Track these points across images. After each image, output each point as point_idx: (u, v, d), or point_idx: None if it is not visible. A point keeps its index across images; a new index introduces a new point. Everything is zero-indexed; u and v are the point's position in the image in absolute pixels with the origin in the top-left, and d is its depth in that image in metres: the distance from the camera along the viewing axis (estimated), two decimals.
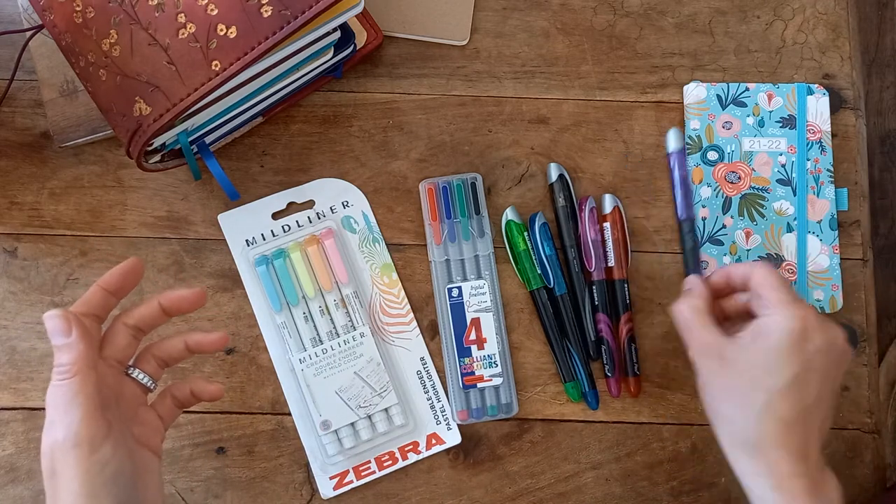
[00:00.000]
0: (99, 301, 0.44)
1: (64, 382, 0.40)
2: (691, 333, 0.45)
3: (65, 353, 0.41)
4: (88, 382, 0.40)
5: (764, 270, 0.45)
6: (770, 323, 0.43)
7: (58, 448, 0.39)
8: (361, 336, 0.55)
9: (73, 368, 0.40)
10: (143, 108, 0.48)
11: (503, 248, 0.57)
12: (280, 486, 0.55)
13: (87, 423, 0.40)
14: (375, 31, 0.59)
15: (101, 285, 0.44)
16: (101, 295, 0.44)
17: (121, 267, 0.44)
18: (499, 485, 0.55)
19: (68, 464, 0.39)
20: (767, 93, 0.59)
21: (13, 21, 0.60)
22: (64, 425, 0.39)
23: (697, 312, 0.46)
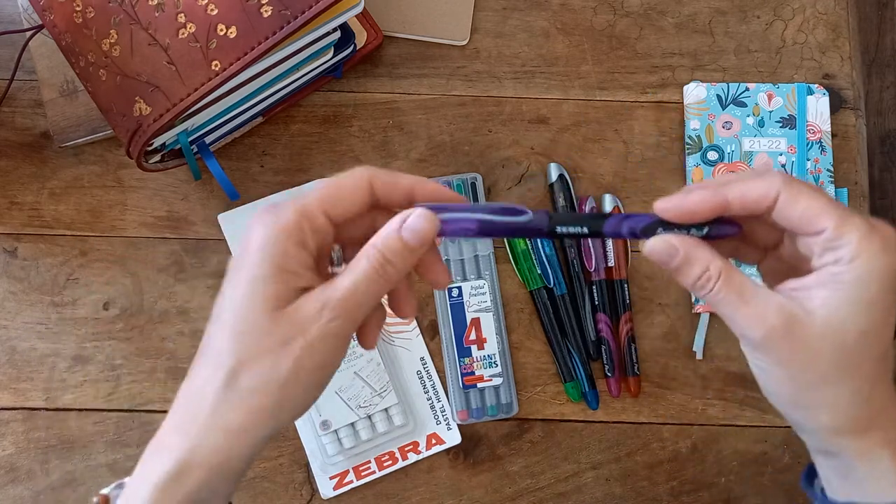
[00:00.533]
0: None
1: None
2: (737, 308, 0.32)
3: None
4: None
5: (787, 183, 0.32)
6: (856, 268, 0.31)
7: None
8: None
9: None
10: (143, 108, 0.48)
11: (503, 248, 0.57)
12: (280, 486, 0.55)
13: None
14: (375, 31, 0.59)
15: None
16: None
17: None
18: (499, 485, 0.55)
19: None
20: (767, 93, 0.59)
21: (13, 21, 0.60)
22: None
23: (727, 283, 0.33)
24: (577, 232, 0.34)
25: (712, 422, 0.56)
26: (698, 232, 0.33)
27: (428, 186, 0.35)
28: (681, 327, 0.57)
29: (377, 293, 0.33)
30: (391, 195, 0.34)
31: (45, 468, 0.54)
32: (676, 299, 0.57)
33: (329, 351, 0.33)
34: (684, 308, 0.57)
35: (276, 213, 0.33)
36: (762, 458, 0.55)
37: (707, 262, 0.33)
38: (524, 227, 0.34)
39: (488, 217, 0.34)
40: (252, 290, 0.32)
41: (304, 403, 0.34)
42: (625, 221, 0.34)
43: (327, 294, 0.32)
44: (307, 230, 0.32)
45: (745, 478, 0.55)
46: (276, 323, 0.32)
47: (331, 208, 0.33)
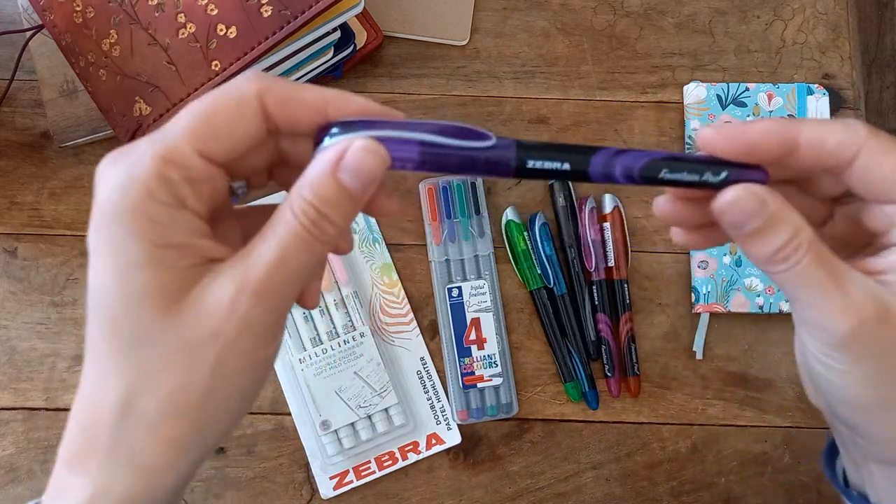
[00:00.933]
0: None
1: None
2: (825, 291, 0.25)
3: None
4: None
5: (872, 136, 0.26)
6: None
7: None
8: (361, 336, 0.55)
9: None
10: (143, 108, 0.48)
11: (503, 248, 0.57)
12: (280, 486, 0.55)
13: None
14: (375, 31, 0.59)
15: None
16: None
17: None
18: (499, 485, 0.55)
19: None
20: (767, 93, 0.59)
21: (13, 21, 0.60)
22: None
23: (816, 259, 0.25)
24: (555, 169, 0.25)
25: (712, 422, 0.56)
26: (714, 177, 0.26)
27: (352, 104, 0.25)
28: (681, 327, 0.57)
29: (312, 262, 0.24)
30: (295, 116, 0.25)
31: (45, 468, 0.54)
32: (676, 299, 0.57)
33: (255, 349, 0.24)
34: (684, 308, 0.57)
35: (128, 160, 0.23)
36: (762, 458, 0.55)
37: (796, 226, 0.25)
38: (485, 158, 0.25)
39: (435, 139, 0.25)
40: (126, 285, 0.23)
41: (235, 416, 0.26)
42: (618, 158, 0.26)
43: (242, 271, 0.23)
44: (179, 181, 0.23)
45: (745, 478, 0.55)
46: (172, 324, 0.23)
47: (206, 144, 0.23)
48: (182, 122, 0.23)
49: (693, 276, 0.57)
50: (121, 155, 0.23)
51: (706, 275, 0.57)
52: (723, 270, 0.57)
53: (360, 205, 0.25)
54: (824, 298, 0.25)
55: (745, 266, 0.57)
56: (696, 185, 0.26)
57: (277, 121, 0.24)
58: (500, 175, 0.26)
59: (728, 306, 0.56)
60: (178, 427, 0.24)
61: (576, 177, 0.26)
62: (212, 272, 0.24)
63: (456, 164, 0.25)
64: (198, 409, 0.24)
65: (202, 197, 0.24)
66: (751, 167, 0.26)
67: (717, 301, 0.56)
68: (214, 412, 0.24)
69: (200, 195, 0.24)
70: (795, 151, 0.26)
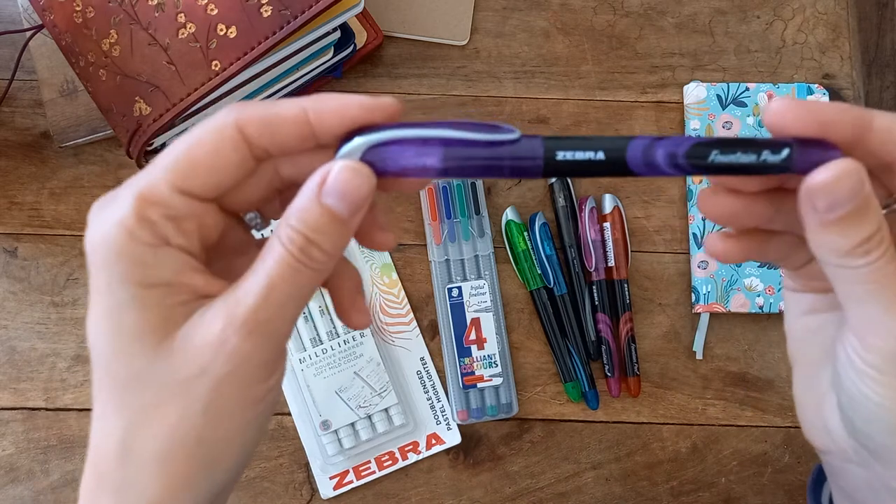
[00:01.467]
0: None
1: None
2: (890, 306, 0.23)
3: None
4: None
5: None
6: None
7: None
8: (361, 336, 0.55)
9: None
10: (143, 108, 0.48)
11: (503, 248, 0.57)
12: (280, 486, 0.55)
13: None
14: (375, 31, 0.59)
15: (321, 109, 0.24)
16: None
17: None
18: (499, 485, 0.55)
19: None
20: (767, 93, 0.59)
21: (13, 21, 0.60)
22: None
23: (893, 261, 0.23)
24: (588, 160, 0.23)
25: (712, 422, 0.56)
26: (775, 157, 0.23)
27: (329, 104, 0.23)
28: (681, 327, 0.57)
29: (304, 291, 0.23)
30: (279, 136, 0.23)
31: (45, 468, 0.54)
32: (676, 299, 0.57)
33: (250, 384, 0.23)
34: (684, 308, 0.57)
35: (111, 206, 0.23)
36: (762, 458, 0.55)
37: (881, 219, 0.23)
38: (510, 154, 0.23)
39: (458, 134, 0.23)
40: (115, 327, 0.23)
41: (241, 452, 0.25)
42: (658, 143, 0.23)
43: (231, 305, 0.23)
44: (159, 219, 0.23)
45: (745, 478, 0.55)
46: (164, 362, 0.23)
47: (185, 181, 0.23)
48: (161, 161, 0.23)
49: (693, 276, 0.57)
50: (104, 200, 0.24)
51: (706, 275, 0.57)
52: (723, 270, 0.57)
53: (349, 228, 0.24)
54: (894, 307, 0.23)
55: (746, 266, 0.57)
56: (754, 170, 0.23)
57: (264, 145, 0.24)
58: (529, 174, 0.23)
59: (728, 306, 0.56)
60: (178, 464, 0.23)
61: (613, 169, 0.23)
62: (205, 305, 0.23)
63: (481, 163, 0.23)
64: (196, 445, 0.23)
65: (189, 234, 0.23)
66: (817, 142, 0.23)
67: (717, 301, 0.56)
68: (215, 448, 0.24)
69: (186, 232, 0.23)
70: (867, 136, 0.23)
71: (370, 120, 0.24)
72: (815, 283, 0.28)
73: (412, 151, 0.23)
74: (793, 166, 0.23)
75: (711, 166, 0.23)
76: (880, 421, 0.25)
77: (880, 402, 0.24)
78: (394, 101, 0.24)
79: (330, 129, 0.24)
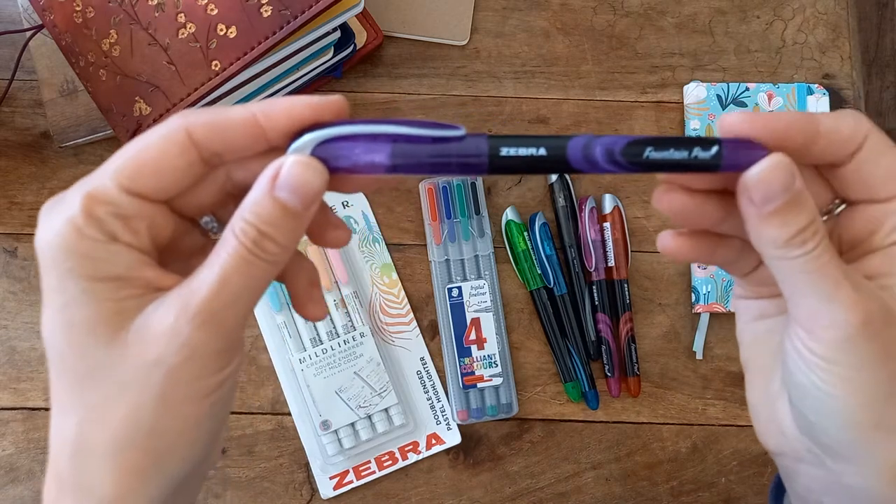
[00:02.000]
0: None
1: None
2: (837, 283, 0.24)
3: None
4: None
5: (874, 130, 0.26)
6: None
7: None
8: (361, 336, 0.55)
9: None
10: (143, 108, 0.48)
11: (503, 248, 0.57)
12: (280, 486, 0.55)
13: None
14: (375, 31, 0.59)
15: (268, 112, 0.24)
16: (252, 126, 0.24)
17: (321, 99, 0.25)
18: (499, 485, 0.55)
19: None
20: (767, 93, 0.59)
21: (13, 21, 0.60)
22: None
23: (829, 247, 0.24)
24: (531, 155, 0.24)
25: (712, 422, 0.56)
26: (705, 154, 0.24)
27: (276, 106, 0.24)
28: (681, 327, 0.57)
29: (258, 283, 0.24)
30: (229, 141, 0.24)
31: (44, 468, 0.54)
32: (676, 299, 0.57)
33: (204, 375, 0.24)
34: (684, 308, 0.57)
35: (60, 206, 0.24)
36: (762, 458, 0.55)
37: (815, 209, 0.24)
38: (457, 150, 0.24)
39: (406, 131, 0.24)
40: (68, 322, 0.23)
41: (197, 445, 0.25)
42: (597, 140, 0.24)
43: (185, 296, 0.23)
44: (106, 217, 0.23)
45: (745, 478, 0.55)
46: (117, 354, 0.23)
47: (133, 182, 0.24)
48: (109, 164, 0.24)
49: (693, 276, 0.57)
50: (53, 201, 0.25)
51: (706, 275, 0.57)
52: (723, 270, 0.57)
53: (302, 221, 0.24)
54: (837, 289, 0.24)
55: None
56: (688, 167, 0.24)
57: (214, 149, 0.24)
58: (475, 170, 0.24)
59: (728, 306, 0.56)
60: (131, 456, 0.23)
61: (555, 165, 0.24)
62: (157, 300, 0.24)
63: (428, 160, 0.24)
64: (149, 437, 0.23)
65: (138, 232, 0.24)
66: (746, 141, 0.24)
67: (717, 301, 0.56)
68: (168, 440, 0.24)
69: (135, 231, 0.24)
70: (816, 141, 0.25)
71: (319, 118, 0.24)
72: (762, 288, 0.29)
73: (361, 148, 0.24)
74: (722, 163, 0.24)
75: (647, 162, 0.24)
76: (831, 411, 0.25)
77: (829, 391, 0.25)
78: (341, 98, 0.25)
79: (280, 129, 0.24)
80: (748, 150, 0.24)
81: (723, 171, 0.24)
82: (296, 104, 0.24)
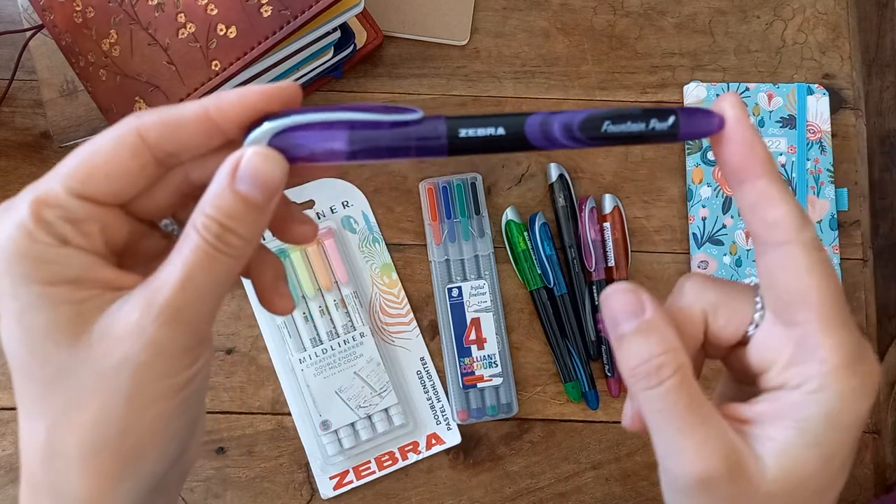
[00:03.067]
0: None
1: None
2: (680, 429, 0.24)
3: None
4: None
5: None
6: (825, 404, 0.23)
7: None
8: (361, 336, 0.55)
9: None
10: (143, 108, 0.48)
11: (503, 248, 0.57)
12: (280, 486, 0.55)
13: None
14: (375, 31, 0.59)
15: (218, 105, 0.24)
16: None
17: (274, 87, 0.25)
18: (499, 485, 0.55)
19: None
20: (767, 93, 0.59)
21: (13, 21, 0.60)
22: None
23: (680, 387, 0.24)
24: (489, 135, 0.24)
25: None
26: (661, 124, 0.24)
27: (228, 98, 0.24)
28: None
29: (222, 278, 0.23)
30: (182, 139, 0.24)
31: None
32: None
33: (172, 372, 0.23)
34: None
35: (9, 212, 0.24)
36: None
37: (670, 345, 0.24)
38: (416, 134, 0.24)
39: (362, 116, 0.23)
40: (27, 328, 0.23)
41: (170, 444, 0.24)
42: (555, 116, 0.24)
43: (149, 294, 0.23)
44: (56, 220, 0.23)
45: None
46: (82, 357, 0.23)
47: (83, 184, 0.23)
48: (58, 168, 0.24)
49: None
50: (3, 207, 0.24)
51: None
52: (723, 270, 0.57)
53: (265, 213, 0.24)
54: (680, 436, 0.24)
55: (745, 266, 0.57)
56: (646, 138, 0.24)
57: (168, 149, 0.24)
58: (434, 153, 0.24)
59: None
60: (103, 458, 0.23)
61: (514, 144, 0.24)
62: (120, 300, 0.23)
63: (386, 144, 0.24)
64: (120, 438, 0.23)
65: (90, 236, 0.23)
66: (702, 112, 0.24)
67: None
68: (140, 440, 0.23)
69: (88, 234, 0.23)
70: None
71: (272, 106, 0.24)
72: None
73: (319, 136, 0.23)
74: (678, 133, 0.24)
75: (605, 136, 0.24)
76: None
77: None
78: (293, 84, 0.24)
79: (234, 122, 0.24)
80: (705, 118, 0.24)
81: (681, 139, 0.24)
82: (247, 94, 0.24)
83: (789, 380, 0.24)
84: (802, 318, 0.23)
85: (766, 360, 0.25)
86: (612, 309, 0.24)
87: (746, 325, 0.25)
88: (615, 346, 0.25)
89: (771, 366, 0.25)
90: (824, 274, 0.23)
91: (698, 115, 0.24)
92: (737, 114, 0.24)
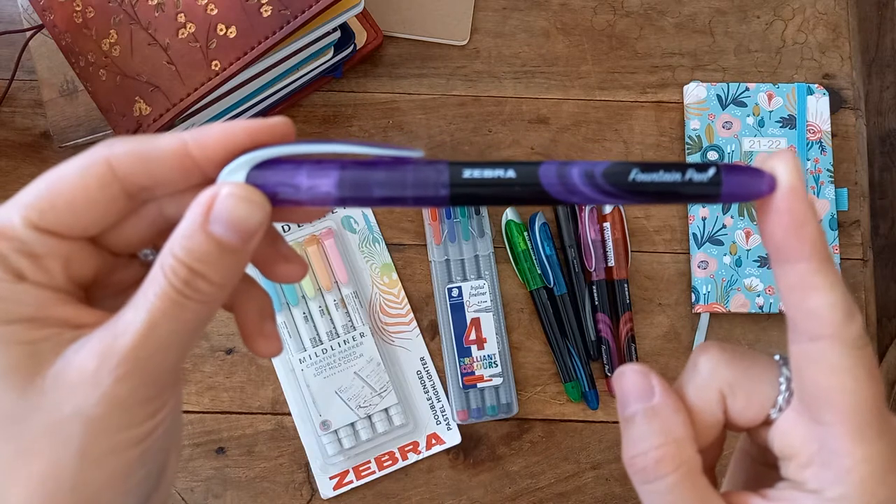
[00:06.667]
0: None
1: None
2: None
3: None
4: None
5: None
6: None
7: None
8: (361, 336, 0.55)
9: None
10: (143, 108, 0.48)
11: (503, 248, 0.57)
12: (280, 486, 0.55)
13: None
14: (375, 31, 0.59)
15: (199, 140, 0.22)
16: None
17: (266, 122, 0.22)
18: (499, 485, 0.55)
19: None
20: (767, 93, 0.59)
21: (13, 21, 0.60)
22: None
23: (679, 485, 0.22)
24: (497, 178, 0.20)
25: None
26: (701, 176, 0.20)
27: (210, 133, 0.21)
28: (681, 327, 0.57)
29: (191, 326, 0.21)
30: (156, 172, 0.21)
31: None
32: (676, 299, 0.57)
33: (130, 426, 0.21)
34: (684, 308, 0.57)
35: None
36: None
37: (675, 437, 0.22)
38: (414, 175, 0.21)
39: (356, 149, 0.21)
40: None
41: (133, 492, 0.22)
42: (573, 163, 0.20)
43: (109, 340, 0.20)
44: (11, 254, 0.21)
45: None
46: (34, 403, 0.20)
47: (43, 217, 0.21)
48: (20, 196, 0.22)
49: (693, 276, 0.57)
50: None
51: (706, 275, 0.57)
52: (723, 270, 0.57)
53: (242, 257, 0.21)
54: None
55: (745, 266, 0.57)
56: (680, 191, 0.20)
57: (141, 183, 0.21)
58: (433, 202, 0.21)
59: (728, 306, 0.56)
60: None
61: (527, 190, 0.20)
62: (78, 342, 0.21)
63: (381, 182, 0.20)
64: (72, 493, 0.21)
65: (50, 271, 0.21)
66: (751, 170, 0.20)
67: (717, 301, 0.56)
68: (94, 495, 0.21)
69: (47, 269, 0.21)
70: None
71: (259, 144, 0.21)
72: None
73: (305, 173, 0.20)
74: (721, 188, 0.20)
75: (633, 186, 0.20)
76: None
77: None
78: (285, 120, 0.22)
79: (214, 160, 0.22)
80: (751, 177, 0.20)
81: (724, 200, 0.20)
82: (231, 130, 0.21)
83: (808, 480, 0.22)
84: (829, 420, 0.21)
85: (788, 448, 0.23)
86: (622, 389, 0.23)
87: (768, 409, 0.23)
88: (622, 430, 0.23)
89: (793, 456, 0.22)
90: (862, 376, 0.20)
91: (746, 172, 0.20)
92: (791, 181, 0.20)
